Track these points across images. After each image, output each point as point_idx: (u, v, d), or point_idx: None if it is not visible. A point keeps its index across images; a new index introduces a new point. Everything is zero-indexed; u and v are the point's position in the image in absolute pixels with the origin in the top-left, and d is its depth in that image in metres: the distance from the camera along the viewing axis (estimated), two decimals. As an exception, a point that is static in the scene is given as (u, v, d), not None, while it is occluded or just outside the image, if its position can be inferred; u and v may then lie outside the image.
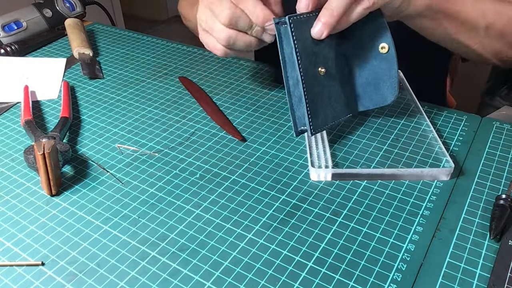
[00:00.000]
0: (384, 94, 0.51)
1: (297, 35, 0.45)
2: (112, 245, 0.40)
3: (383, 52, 0.49)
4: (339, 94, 0.50)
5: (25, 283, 0.37)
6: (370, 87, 0.51)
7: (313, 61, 0.47)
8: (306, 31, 0.46)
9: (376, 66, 0.50)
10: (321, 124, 0.48)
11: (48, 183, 0.44)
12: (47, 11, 0.82)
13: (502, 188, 0.45)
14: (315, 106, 0.47)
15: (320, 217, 0.42)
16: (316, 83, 0.47)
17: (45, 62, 0.73)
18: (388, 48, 0.49)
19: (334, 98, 0.49)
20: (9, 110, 0.61)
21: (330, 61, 0.48)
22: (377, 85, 0.51)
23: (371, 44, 0.49)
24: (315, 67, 0.47)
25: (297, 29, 0.45)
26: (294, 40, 0.45)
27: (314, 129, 0.48)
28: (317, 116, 0.48)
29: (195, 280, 0.37)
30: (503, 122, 0.55)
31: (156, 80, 0.67)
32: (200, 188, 0.46)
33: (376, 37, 0.49)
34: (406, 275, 0.37)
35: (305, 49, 0.46)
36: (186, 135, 0.54)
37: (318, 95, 0.48)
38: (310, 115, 0.47)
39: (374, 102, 0.52)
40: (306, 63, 0.46)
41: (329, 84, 0.49)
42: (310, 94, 0.47)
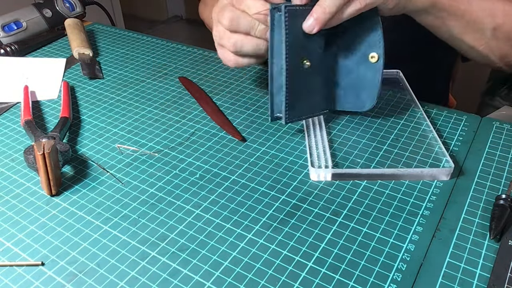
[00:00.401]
0: (363, 101, 0.52)
1: (289, 25, 0.45)
2: (112, 245, 0.40)
3: (372, 61, 0.49)
4: (319, 88, 0.51)
5: (25, 283, 0.37)
6: (351, 90, 0.52)
7: (299, 53, 0.48)
8: (298, 23, 0.46)
9: (362, 72, 0.51)
10: (297, 114, 0.50)
11: (48, 183, 0.44)
12: (47, 11, 0.82)
13: (502, 188, 0.45)
14: (293, 96, 0.48)
15: (320, 217, 0.42)
16: (298, 75, 0.48)
17: (45, 62, 0.73)
18: (377, 59, 0.49)
19: (314, 91, 0.51)
20: (9, 110, 0.61)
21: (317, 56, 0.49)
22: (359, 91, 0.51)
23: (362, 50, 0.50)
24: (301, 59, 0.48)
25: (291, 19, 0.45)
26: (286, 30, 0.45)
27: (289, 118, 0.49)
28: (294, 107, 0.49)
29: (195, 280, 0.37)
30: (503, 122, 0.55)
31: (156, 80, 0.67)
32: (200, 188, 0.46)
33: (369, 45, 0.49)
34: (406, 275, 0.37)
35: (294, 40, 0.46)
36: (186, 135, 0.54)
37: (298, 87, 0.49)
38: (287, 105, 0.48)
39: (352, 106, 0.53)
40: (292, 54, 0.47)
41: (311, 78, 0.50)
42: (291, 84, 0.47)
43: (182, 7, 3.08)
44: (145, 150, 0.52)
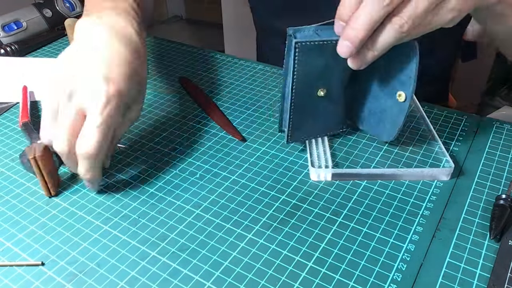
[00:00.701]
0: (383, 131, 0.49)
1: (300, 57, 0.42)
2: (112, 245, 0.40)
3: (399, 99, 0.45)
4: (337, 112, 0.50)
5: (25, 283, 0.37)
6: (375, 117, 0.50)
7: (313, 84, 0.45)
8: (314, 55, 0.43)
9: (388, 105, 0.47)
10: (303, 135, 0.49)
11: (46, 185, 0.44)
12: (47, 11, 0.82)
13: (502, 188, 0.45)
14: (300, 120, 0.47)
15: (320, 217, 0.42)
16: (309, 102, 0.46)
17: (45, 62, 0.73)
18: (405, 99, 0.45)
19: (330, 115, 0.49)
20: (9, 110, 0.61)
21: (337, 85, 0.47)
22: (381, 121, 0.49)
23: (391, 84, 0.46)
24: (314, 89, 0.46)
25: (303, 53, 0.42)
26: (295, 61, 0.43)
27: (291, 139, 0.49)
28: (300, 129, 0.48)
29: (195, 280, 0.37)
30: (503, 122, 0.55)
31: (156, 80, 0.67)
32: (200, 188, 0.46)
33: (400, 82, 0.45)
34: (406, 275, 0.37)
35: (305, 72, 0.43)
36: (186, 135, 0.54)
37: (309, 113, 0.47)
38: (290, 127, 0.47)
39: (372, 130, 0.51)
40: (302, 84, 0.44)
41: (326, 105, 0.48)
42: (299, 110, 0.46)
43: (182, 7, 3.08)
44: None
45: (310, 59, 0.43)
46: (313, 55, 0.43)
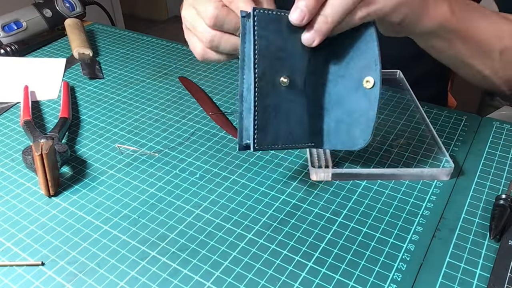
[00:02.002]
0: (355, 137, 0.43)
1: (260, 32, 0.38)
2: (112, 245, 0.40)
3: (367, 87, 0.41)
4: (301, 115, 0.42)
5: (25, 283, 0.37)
6: (343, 125, 0.43)
7: (275, 67, 0.40)
8: (274, 30, 0.39)
9: (355, 102, 0.42)
10: (270, 141, 0.41)
11: (46, 184, 0.44)
12: (47, 11, 0.82)
13: (502, 188, 0.45)
14: (266, 118, 0.40)
15: (320, 217, 0.42)
16: (273, 93, 0.40)
17: (45, 62, 0.73)
18: (373, 84, 0.41)
19: (295, 118, 0.42)
20: (9, 110, 0.61)
21: (298, 73, 0.42)
22: (351, 125, 0.43)
23: (355, 73, 0.42)
24: (276, 74, 0.40)
25: (262, 25, 0.38)
26: (255, 37, 0.38)
27: (258, 144, 0.40)
28: (266, 131, 0.40)
29: (195, 280, 0.37)
30: (503, 122, 0.55)
31: (156, 80, 0.67)
32: (200, 188, 0.46)
33: (364, 66, 0.41)
34: (406, 275, 0.37)
35: (267, 50, 0.39)
36: (186, 135, 0.54)
37: (273, 108, 0.41)
38: (256, 127, 0.40)
39: (342, 143, 0.44)
40: (264, 66, 0.39)
41: (291, 99, 0.42)
42: (263, 103, 0.40)
43: (182, 7, 3.09)
44: (145, 150, 0.52)
45: (270, 34, 0.39)
46: (273, 29, 0.39)
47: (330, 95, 0.44)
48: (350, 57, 0.42)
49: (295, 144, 0.43)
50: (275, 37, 0.40)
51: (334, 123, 0.44)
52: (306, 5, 0.38)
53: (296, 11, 0.38)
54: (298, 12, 0.38)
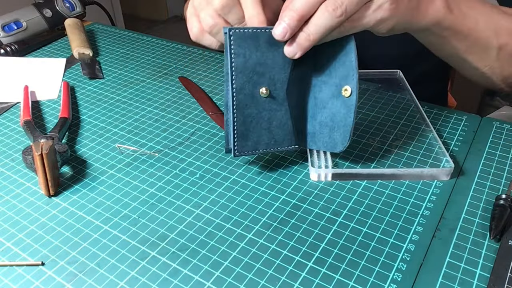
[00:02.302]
0: (336, 141, 0.46)
1: (236, 50, 0.42)
2: (112, 245, 0.40)
3: (345, 95, 0.44)
4: (284, 121, 0.46)
5: (25, 283, 0.37)
6: (326, 128, 0.46)
7: (253, 80, 0.43)
8: (251, 46, 0.42)
9: (335, 108, 0.45)
10: (251, 147, 0.45)
11: (46, 184, 0.44)
12: (47, 11, 0.82)
13: (502, 188, 0.45)
14: (245, 127, 0.44)
15: (320, 217, 0.42)
16: (253, 104, 0.44)
17: (45, 62, 0.73)
18: (350, 93, 0.43)
19: (277, 123, 0.46)
20: (9, 110, 0.61)
21: (279, 83, 0.45)
22: (333, 129, 0.46)
23: (335, 81, 0.45)
24: (255, 87, 0.44)
25: (238, 43, 0.42)
26: (232, 55, 0.42)
27: (238, 151, 0.45)
28: (247, 139, 0.45)
29: (195, 280, 0.37)
30: (503, 122, 0.55)
31: (156, 80, 0.67)
32: (200, 188, 0.46)
33: (342, 76, 0.44)
34: (406, 275, 0.37)
35: (244, 66, 0.43)
36: (186, 135, 0.54)
37: (253, 117, 0.44)
38: (236, 135, 0.44)
39: (325, 145, 0.47)
40: (242, 81, 0.43)
41: (272, 108, 0.45)
42: (242, 114, 0.44)
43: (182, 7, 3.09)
44: (145, 150, 0.52)
45: (247, 50, 0.42)
46: (249, 46, 0.42)
47: (315, 99, 0.47)
48: (332, 66, 0.44)
49: (278, 147, 0.47)
50: (253, 53, 0.43)
51: (318, 126, 0.47)
52: (288, 23, 0.40)
53: (279, 27, 0.41)
54: (281, 29, 0.40)
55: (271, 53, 0.43)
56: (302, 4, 0.39)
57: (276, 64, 0.44)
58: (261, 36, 0.42)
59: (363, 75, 0.65)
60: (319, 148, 0.48)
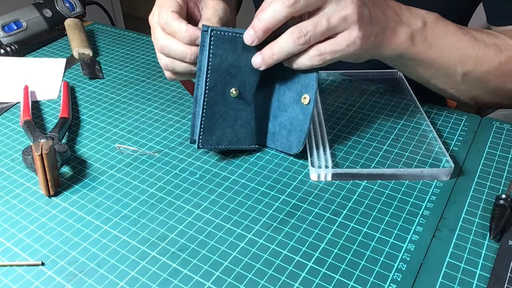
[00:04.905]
0: (291, 143, 0.48)
1: (214, 50, 0.44)
2: (112, 245, 0.40)
3: (304, 102, 0.46)
4: (248, 121, 0.49)
5: (25, 283, 0.37)
6: (285, 130, 0.49)
7: (225, 80, 0.46)
8: (228, 48, 0.45)
9: (294, 113, 0.48)
10: (214, 142, 0.48)
11: (46, 184, 0.44)
12: (47, 11, 0.82)
13: (502, 188, 0.45)
14: (212, 123, 0.47)
15: (320, 217, 0.42)
16: (222, 102, 0.47)
17: (45, 62, 0.73)
18: (309, 101, 0.46)
19: (241, 123, 0.49)
20: (9, 110, 0.61)
21: (248, 85, 0.47)
22: (290, 132, 0.49)
23: (297, 89, 0.47)
24: (226, 86, 0.46)
25: (217, 44, 0.44)
26: (210, 53, 0.44)
27: (202, 143, 0.47)
28: (211, 133, 0.47)
29: (195, 280, 0.37)
30: (503, 122, 0.55)
31: (156, 80, 0.67)
32: (200, 188, 0.46)
33: (304, 85, 0.46)
34: (406, 275, 0.37)
35: (220, 66, 0.45)
36: (186, 135, 0.54)
37: (221, 114, 0.47)
38: (202, 129, 0.47)
39: (282, 146, 0.50)
40: (216, 80, 0.45)
41: (239, 108, 0.48)
42: (211, 110, 0.46)
43: (182, 7, 3.08)
44: (145, 150, 0.52)
45: (224, 52, 0.45)
46: (227, 48, 0.45)
47: (278, 101, 0.50)
48: (296, 74, 0.47)
49: (239, 145, 0.50)
50: (228, 55, 0.45)
51: (278, 127, 0.50)
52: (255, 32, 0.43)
53: (248, 34, 0.44)
54: (248, 36, 0.44)
55: (245, 57, 0.46)
56: (269, 18, 0.42)
57: (248, 67, 0.46)
58: (239, 40, 0.45)
59: (363, 75, 0.65)
60: (276, 148, 0.51)
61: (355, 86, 0.63)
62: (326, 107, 0.58)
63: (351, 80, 0.65)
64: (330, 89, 0.63)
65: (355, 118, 0.56)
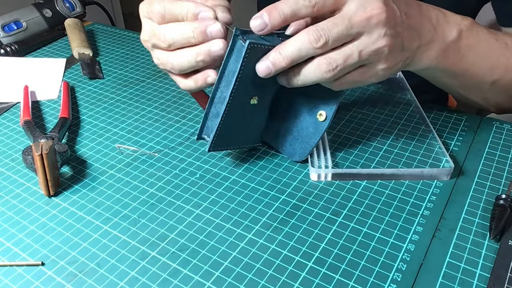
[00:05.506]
0: (295, 151, 0.49)
1: (247, 62, 0.41)
2: (112, 245, 0.40)
3: (320, 119, 0.46)
4: (260, 123, 0.49)
5: (25, 283, 0.37)
6: (290, 136, 0.49)
7: (249, 90, 0.44)
8: (258, 59, 0.42)
9: (305, 124, 0.47)
10: (224, 145, 0.47)
11: (46, 184, 0.44)
12: (47, 11, 0.82)
13: (502, 188, 0.45)
14: (227, 129, 0.45)
15: (320, 217, 0.42)
16: (241, 110, 0.45)
17: (45, 62, 0.73)
18: (325, 118, 0.45)
19: (253, 126, 0.48)
20: (9, 110, 0.61)
21: (267, 94, 0.47)
22: (296, 139, 0.48)
23: (315, 102, 0.46)
24: (248, 95, 0.45)
25: (252, 56, 0.41)
26: (243, 64, 0.41)
27: (214, 147, 0.46)
28: (224, 138, 0.46)
29: (195, 280, 0.37)
30: (503, 122, 0.55)
31: (156, 80, 0.67)
32: (200, 188, 0.46)
33: (325, 100, 0.45)
34: (406, 275, 0.37)
35: (248, 76, 0.42)
36: (186, 135, 0.54)
37: (237, 121, 0.46)
38: (217, 135, 0.45)
39: (284, 149, 0.50)
40: (240, 90, 0.43)
41: (255, 113, 0.47)
42: (229, 118, 0.44)
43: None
44: (145, 150, 0.52)
45: (255, 62, 0.42)
46: (258, 59, 0.41)
47: (290, 105, 0.48)
48: (317, 88, 0.44)
49: (246, 145, 0.50)
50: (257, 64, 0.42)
51: (283, 130, 0.49)
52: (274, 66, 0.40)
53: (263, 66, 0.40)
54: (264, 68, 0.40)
55: None
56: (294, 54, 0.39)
57: (271, 80, 0.43)
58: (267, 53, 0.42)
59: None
60: (277, 148, 0.50)
61: (355, 86, 0.63)
62: (326, 107, 0.58)
63: (351, 80, 0.65)
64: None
65: (355, 118, 0.56)
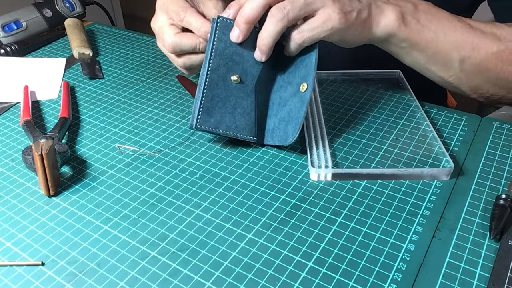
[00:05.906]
0: (288, 133, 0.48)
1: (219, 35, 0.47)
2: (112, 245, 0.40)
3: (302, 90, 0.47)
4: (248, 111, 0.50)
5: (25, 283, 0.37)
6: (283, 123, 0.49)
7: (228, 66, 0.49)
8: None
9: (293, 105, 0.49)
10: (212, 124, 0.49)
11: (46, 184, 0.44)
12: (47, 11, 0.82)
13: (502, 188, 0.45)
14: (212, 105, 0.48)
15: (320, 217, 0.42)
16: (223, 86, 0.49)
17: (45, 62, 0.73)
18: (306, 88, 0.47)
19: (240, 111, 0.50)
20: (9, 110, 0.61)
21: (250, 76, 0.50)
22: (288, 123, 0.49)
23: (297, 81, 0.49)
24: (228, 72, 0.49)
25: (223, 31, 0.48)
26: (215, 37, 0.47)
27: (200, 124, 0.48)
28: (210, 115, 0.49)
29: (195, 280, 0.37)
30: (503, 122, 0.55)
31: (156, 80, 0.67)
32: (200, 188, 0.46)
33: (303, 76, 0.48)
34: (406, 275, 0.37)
35: (223, 51, 0.48)
36: (186, 135, 0.54)
37: (221, 98, 0.49)
38: (201, 109, 0.48)
39: (279, 139, 0.50)
40: (219, 63, 0.48)
41: (240, 96, 0.49)
42: (211, 92, 0.48)
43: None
44: (145, 150, 0.52)
45: (229, 39, 0.48)
46: None
47: (280, 98, 0.51)
48: (296, 68, 0.49)
49: (237, 134, 0.50)
50: (233, 42, 0.48)
51: (278, 122, 0.50)
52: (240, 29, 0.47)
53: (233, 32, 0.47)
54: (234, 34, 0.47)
55: (248, 48, 0.49)
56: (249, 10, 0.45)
57: (250, 58, 0.49)
58: None
59: (363, 75, 0.65)
60: (274, 143, 0.51)
61: (355, 86, 0.63)
62: (326, 107, 0.58)
63: (351, 80, 0.65)
64: (330, 89, 0.63)
65: (355, 118, 0.56)
